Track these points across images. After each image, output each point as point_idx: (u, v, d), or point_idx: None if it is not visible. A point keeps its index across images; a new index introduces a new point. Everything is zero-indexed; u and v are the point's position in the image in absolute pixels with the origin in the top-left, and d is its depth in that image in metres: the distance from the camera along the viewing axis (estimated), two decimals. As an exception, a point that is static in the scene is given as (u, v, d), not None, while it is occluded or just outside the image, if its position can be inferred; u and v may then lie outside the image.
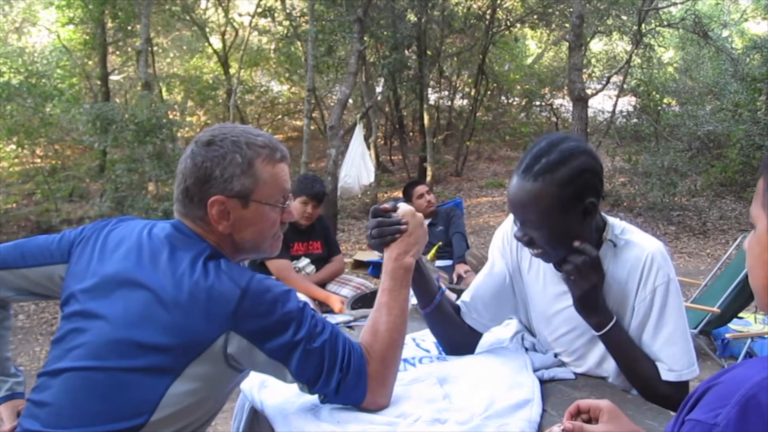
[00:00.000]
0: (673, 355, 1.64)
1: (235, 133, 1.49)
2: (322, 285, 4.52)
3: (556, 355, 1.83)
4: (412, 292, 2.02)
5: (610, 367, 1.76)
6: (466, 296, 1.96)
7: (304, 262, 4.51)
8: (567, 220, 1.60)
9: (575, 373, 1.80)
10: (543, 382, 1.69)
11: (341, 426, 1.47)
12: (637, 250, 1.68)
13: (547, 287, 1.82)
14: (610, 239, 1.71)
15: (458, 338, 1.91)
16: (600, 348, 1.74)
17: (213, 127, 1.53)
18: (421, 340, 2.01)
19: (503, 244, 1.92)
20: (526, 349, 1.88)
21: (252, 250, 1.57)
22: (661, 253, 1.68)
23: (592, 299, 1.65)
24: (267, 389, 1.71)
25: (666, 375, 1.65)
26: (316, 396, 1.55)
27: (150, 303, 1.37)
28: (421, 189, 5.55)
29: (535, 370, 1.74)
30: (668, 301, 1.65)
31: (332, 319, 2.38)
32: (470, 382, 1.65)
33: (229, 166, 1.45)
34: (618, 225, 1.76)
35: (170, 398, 1.35)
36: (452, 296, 2.11)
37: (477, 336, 1.95)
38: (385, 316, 1.55)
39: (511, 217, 1.90)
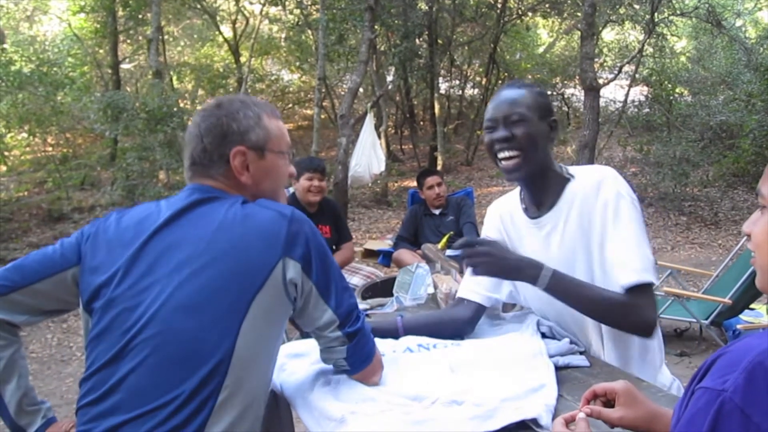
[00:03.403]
0: (630, 260, 1.71)
1: (239, 97, 1.64)
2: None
3: (571, 342, 1.84)
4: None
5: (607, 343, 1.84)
6: (464, 279, 2.10)
7: None
8: (542, 125, 1.85)
9: (589, 360, 1.80)
10: (558, 368, 1.69)
11: (359, 405, 1.50)
12: (588, 176, 1.85)
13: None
14: (569, 175, 1.90)
15: (448, 332, 1.97)
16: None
17: (216, 98, 1.66)
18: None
19: (496, 229, 2.07)
20: (543, 335, 1.89)
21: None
22: (611, 174, 1.82)
23: (506, 267, 1.74)
24: (286, 372, 1.74)
25: (624, 279, 1.70)
26: (336, 380, 1.59)
27: (198, 255, 1.41)
28: (431, 180, 5.53)
29: (549, 357, 1.74)
30: (621, 212, 1.75)
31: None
32: (486, 366, 1.67)
33: (244, 120, 1.56)
34: (571, 167, 1.96)
35: (243, 343, 1.37)
36: None
37: (467, 316, 2.02)
38: None
39: (494, 207, 2.11)
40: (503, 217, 2.04)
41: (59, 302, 1.56)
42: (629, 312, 1.69)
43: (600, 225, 1.78)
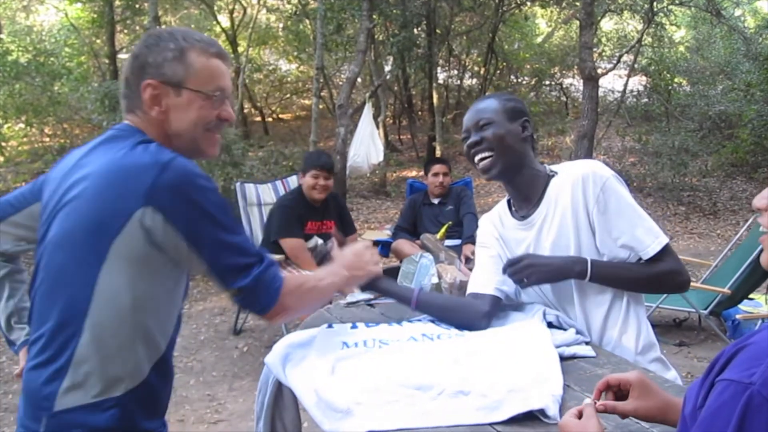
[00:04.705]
0: (642, 236, 1.85)
1: (174, 29, 1.55)
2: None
3: (577, 332, 1.85)
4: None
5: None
6: (470, 278, 2.12)
7: (318, 242, 4.53)
8: (512, 126, 1.97)
9: (595, 351, 1.81)
10: (563, 359, 1.69)
11: (363, 396, 1.49)
12: (573, 172, 1.92)
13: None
14: (552, 172, 2.00)
15: (462, 320, 1.97)
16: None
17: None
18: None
19: (491, 235, 2.13)
20: (550, 324, 1.90)
21: (188, 143, 1.54)
22: (592, 167, 1.90)
23: (553, 271, 1.89)
24: (291, 363, 1.73)
25: (645, 254, 1.85)
26: (340, 369, 1.59)
27: (78, 195, 1.41)
28: (438, 168, 5.52)
29: (555, 347, 1.74)
30: (612, 198, 1.86)
31: (353, 297, 2.41)
32: (492, 356, 1.66)
33: (161, 52, 1.48)
34: (555, 165, 2.05)
35: (104, 285, 1.37)
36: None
37: (485, 309, 1.99)
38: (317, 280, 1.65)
39: (486, 217, 2.16)
40: (495, 223, 2.13)
41: (36, 233, 1.62)
42: (667, 278, 1.89)
43: (604, 221, 1.87)
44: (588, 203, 1.87)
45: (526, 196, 2.01)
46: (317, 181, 4.48)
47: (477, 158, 1.98)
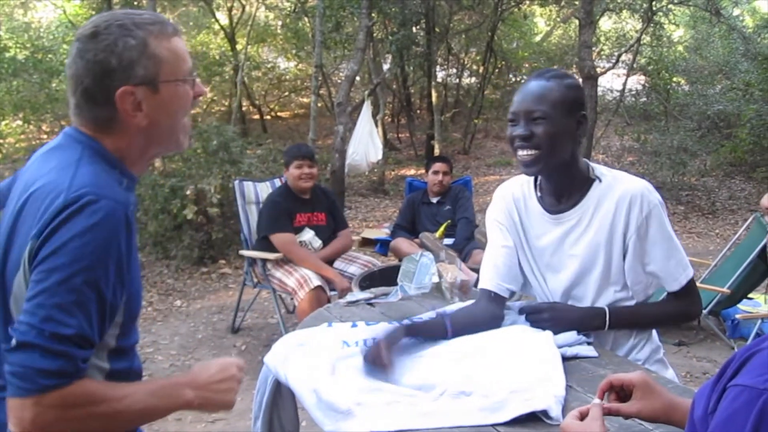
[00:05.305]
0: (672, 268, 1.85)
1: (117, 17, 1.32)
2: (330, 261, 4.52)
3: (586, 334, 1.85)
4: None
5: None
6: (484, 267, 2.02)
7: (309, 234, 4.53)
8: (567, 122, 1.80)
9: (597, 351, 1.81)
10: (566, 359, 1.68)
11: (364, 396, 1.48)
12: (621, 188, 1.83)
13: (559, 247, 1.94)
14: (596, 176, 1.88)
15: (486, 328, 1.92)
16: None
17: (91, 19, 1.35)
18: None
19: (506, 213, 2.03)
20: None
21: (166, 140, 1.40)
22: (642, 190, 1.83)
23: (573, 322, 1.84)
24: (291, 362, 1.72)
25: (671, 286, 1.86)
26: (340, 368, 1.57)
27: (9, 214, 1.28)
28: (439, 166, 5.51)
29: (558, 347, 1.73)
30: (654, 225, 1.82)
31: (353, 296, 2.40)
32: (494, 356, 1.66)
33: (126, 52, 1.28)
34: (598, 166, 1.94)
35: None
36: (473, 276, 2.12)
37: (500, 314, 1.97)
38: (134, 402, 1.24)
39: (505, 190, 2.06)
40: (516, 203, 2.00)
41: None
42: (684, 314, 1.99)
43: (639, 245, 1.83)
44: (629, 226, 1.81)
45: (562, 194, 1.90)
46: (302, 171, 4.52)
47: (520, 152, 1.81)
